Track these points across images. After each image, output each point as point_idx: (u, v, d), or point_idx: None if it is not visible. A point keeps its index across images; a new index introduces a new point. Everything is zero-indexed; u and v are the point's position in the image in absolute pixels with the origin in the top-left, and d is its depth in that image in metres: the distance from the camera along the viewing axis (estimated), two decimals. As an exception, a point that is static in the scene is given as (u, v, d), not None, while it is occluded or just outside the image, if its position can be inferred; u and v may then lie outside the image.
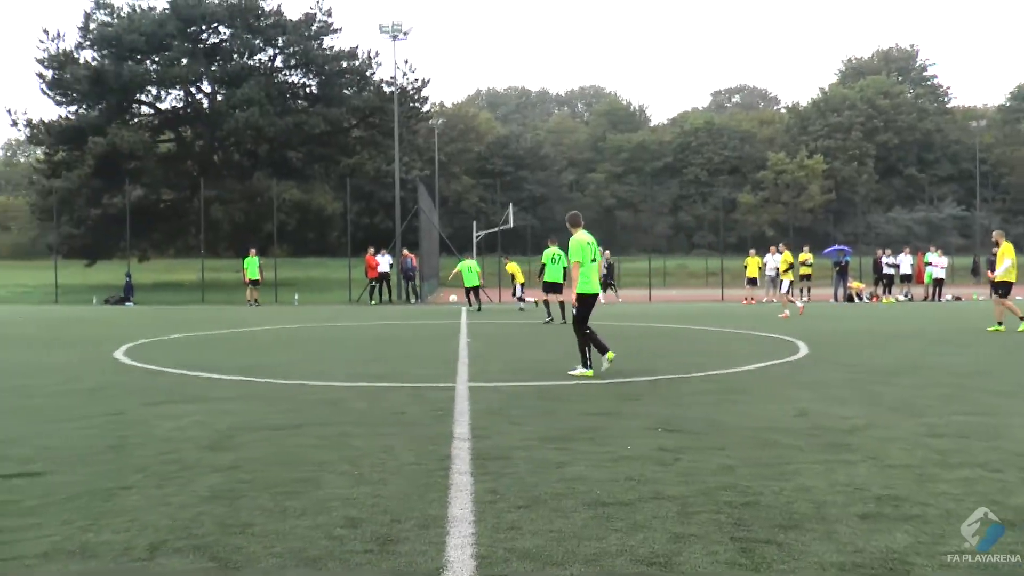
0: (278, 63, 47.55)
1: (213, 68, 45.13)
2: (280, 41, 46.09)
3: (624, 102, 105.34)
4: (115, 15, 45.04)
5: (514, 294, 25.52)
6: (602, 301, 29.08)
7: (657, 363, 11.03)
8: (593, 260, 9.90)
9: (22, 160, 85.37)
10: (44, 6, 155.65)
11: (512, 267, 25.47)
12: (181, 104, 47.87)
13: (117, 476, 5.12)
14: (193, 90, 47.18)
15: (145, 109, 47.61)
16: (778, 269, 22.81)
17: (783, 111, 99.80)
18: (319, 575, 3.51)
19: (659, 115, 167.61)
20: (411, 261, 31.00)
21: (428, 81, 49.97)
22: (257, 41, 45.86)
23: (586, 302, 9.84)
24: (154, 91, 46.39)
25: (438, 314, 23.19)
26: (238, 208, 43.57)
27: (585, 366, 9.67)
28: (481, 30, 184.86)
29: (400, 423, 6.85)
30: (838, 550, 3.72)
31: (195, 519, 4.23)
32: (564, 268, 17.94)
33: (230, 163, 46.90)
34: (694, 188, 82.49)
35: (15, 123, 43.95)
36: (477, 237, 50.67)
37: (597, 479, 4.93)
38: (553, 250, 17.63)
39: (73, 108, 44.78)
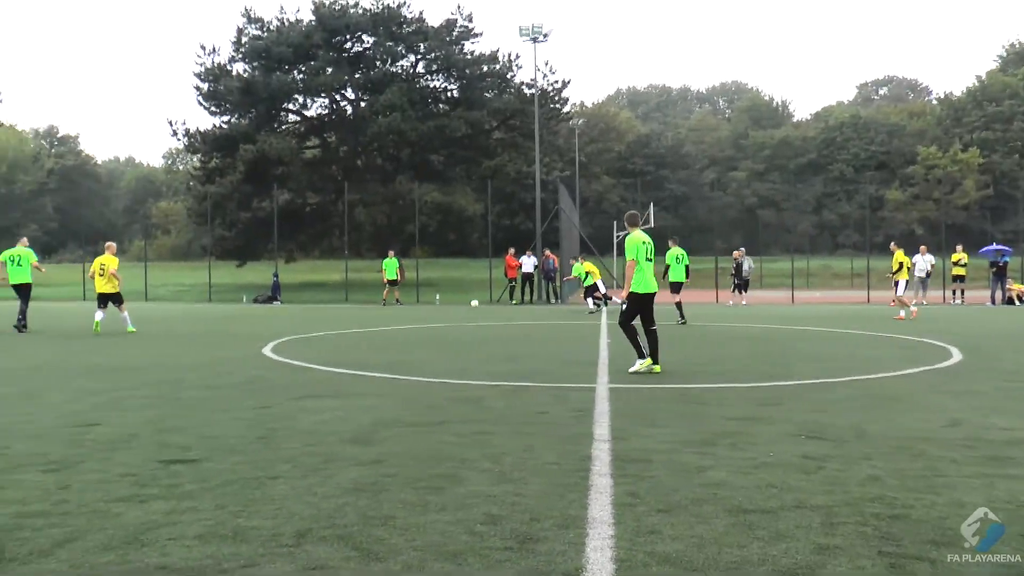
0: (420, 69, 48.73)
1: (357, 75, 46.68)
2: (422, 47, 47.24)
3: (766, 97, 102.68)
4: (265, 29, 47.31)
5: (586, 296, 25.25)
6: (730, 303, 28.65)
7: (799, 367, 10.63)
8: (649, 260, 10.13)
9: (180, 168, 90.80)
10: (201, 24, 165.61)
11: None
12: (326, 111, 49.78)
13: (266, 466, 5.33)
14: (338, 97, 48.95)
15: (292, 117, 49.76)
16: (911, 269, 21.90)
17: (934, 102, 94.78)
18: (459, 570, 3.52)
19: (802, 110, 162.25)
20: (553, 262, 31.06)
21: (568, 82, 50.08)
22: (399, 48, 47.16)
23: (639, 300, 10.08)
24: (301, 99, 48.44)
25: (579, 315, 23.17)
26: (381, 210, 44.90)
27: (641, 356, 9.89)
28: (621, 29, 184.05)
29: (541, 422, 6.84)
30: (998, 573, 3.49)
31: (339, 510, 4.34)
32: (686, 266, 18.93)
33: (373, 167, 48.36)
34: (839, 185, 79.45)
35: (175, 133, 46.73)
36: (617, 237, 50.37)
37: (738, 485, 4.79)
38: (676, 250, 18.50)
39: (226, 118, 47.29)
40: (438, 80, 49.58)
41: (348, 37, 46.79)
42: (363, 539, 3.84)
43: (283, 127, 48.63)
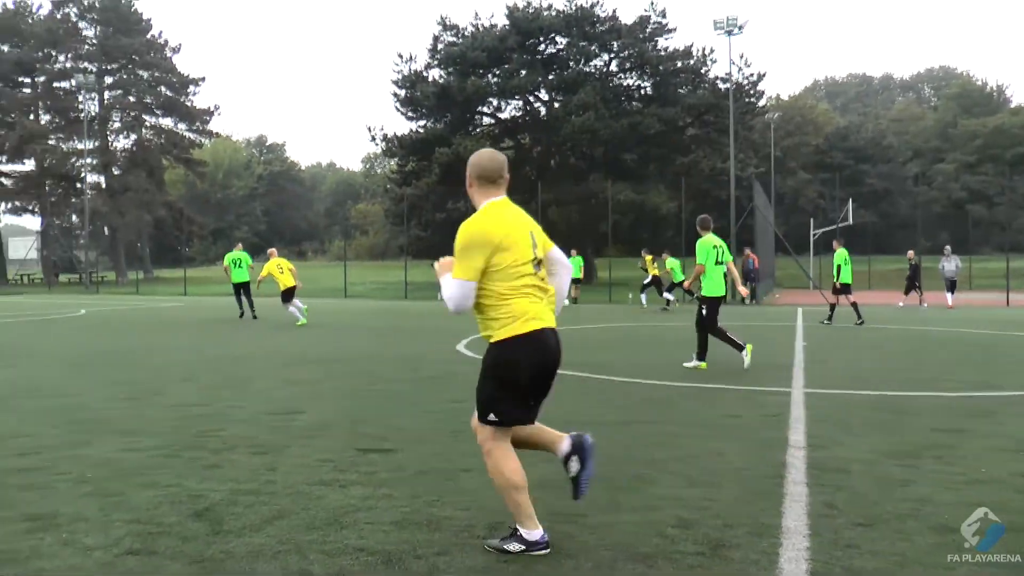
0: (613, 67, 48.65)
1: (550, 77, 47.20)
2: (615, 46, 47.13)
3: (978, 82, 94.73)
4: (460, 35, 48.72)
5: (661, 292, 25.86)
6: (900, 304, 26.66)
7: (1012, 377, 9.74)
8: (719, 263, 10.38)
9: (378, 171, 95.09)
10: (399, 33, 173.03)
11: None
12: (520, 113, 50.64)
13: (458, 459, 5.47)
14: (531, 99, 49.70)
15: (486, 120, 50.99)
16: None
17: None
18: (650, 572, 3.47)
19: (1021, 95, 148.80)
20: (753, 262, 30.05)
21: (764, 75, 48.40)
22: (592, 47, 47.27)
23: (713, 304, 10.35)
24: (495, 102, 49.50)
25: (774, 316, 22.37)
26: (574, 210, 45.20)
27: (740, 349, 10.19)
28: (819, 17, 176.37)
29: (732, 426, 6.65)
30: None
31: (529, 505, 4.39)
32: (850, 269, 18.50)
33: (566, 166, 48.75)
34: (1061, 176, 72.06)
35: (373, 138, 49.14)
36: (815, 235, 48.28)
37: (945, 502, 4.46)
38: (842, 252, 18.34)
39: (422, 122, 49.07)
40: (631, 78, 49.29)
41: (541, 39, 47.37)
42: (553, 536, 3.85)
43: (478, 130, 49.88)
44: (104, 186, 59.19)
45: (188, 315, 22.68)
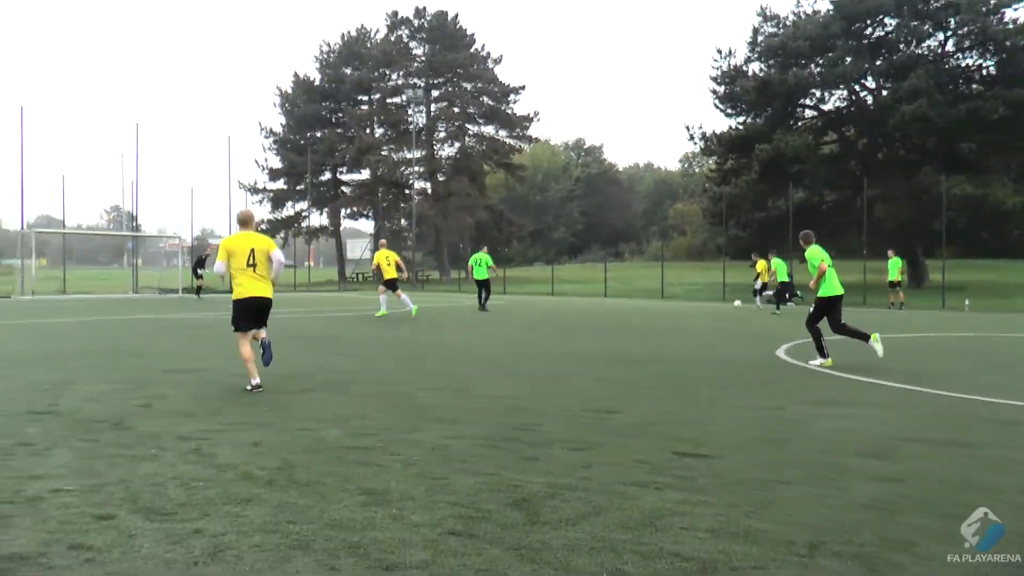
0: (949, 47, 44.47)
1: (878, 62, 44.17)
2: (952, 22, 43.06)
3: None
4: (781, 25, 47.00)
5: (756, 292, 26.76)
6: None
7: None
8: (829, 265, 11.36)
9: (696, 170, 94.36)
10: (718, 29, 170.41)
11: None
12: (844, 104, 47.90)
13: (777, 469, 5.27)
14: (856, 88, 46.85)
15: (808, 112, 48.78)
16: None
17: None
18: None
19: None
20: None
21: None
22: (926, 27, 43.53)
23: (826, 304, 11.38)
24: (817, 94, 47.19)
25: None
26: (902, 206, 41.97)
27: (823, 356, 11.20)
28: None
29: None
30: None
31: (854, 526, 4.13)
32: None
33: (895, 159, 45.38)
34: None
35: (691, 137, 48.68)
36: None
37: None
38: None
39: (741, 119, 47.96)
40: (970, 57, 44.67)
41: (868, 22, 44.44)
42: (879, 562, 3.60)
43: (799, 124, 47.87)
44: (430, 191, 64.15)
45: (508, 313, 23.88)
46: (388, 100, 64.02)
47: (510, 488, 4.79)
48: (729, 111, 47.78)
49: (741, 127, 47.15)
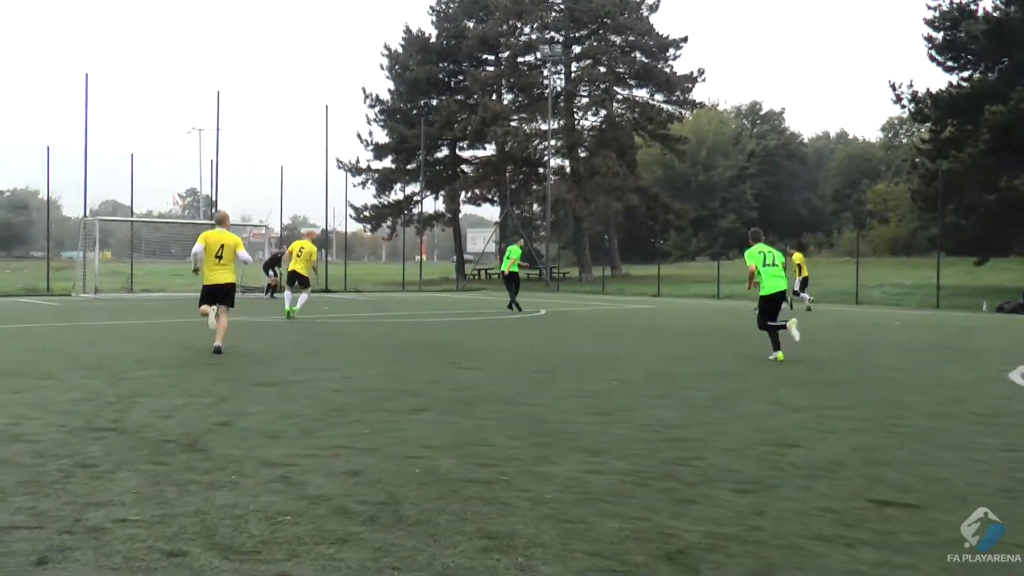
0: None
1: None
2: None
3: None
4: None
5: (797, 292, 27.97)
6: None
7: None
8: (772, 265, 14.43)
9: (903, 141, 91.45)
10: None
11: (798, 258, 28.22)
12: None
13: (1008, 530, 5.02)
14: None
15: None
16: None
17: None
18: None
19: None
20: None
21: None
22: None
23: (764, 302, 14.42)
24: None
25: None
26: None
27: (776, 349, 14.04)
28: None
29: None
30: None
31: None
32: None
33: None
34: None
35: (898, 99, 46.86)
36: None
37: None
38: None
39: (966, 73, 46.11)
40: None
41: None
42: None
43: (1046, 80, 45.75)
44: (568, 170, 64.23)
45: (661, 319, 23.75)
46: (519, 59, 64.44)
47: (662, 537, 4.76)
48: (950, 63, 45.97)
49: (966, 84, 45.29)
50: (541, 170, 62.50)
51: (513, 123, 62.67)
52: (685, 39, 63.86)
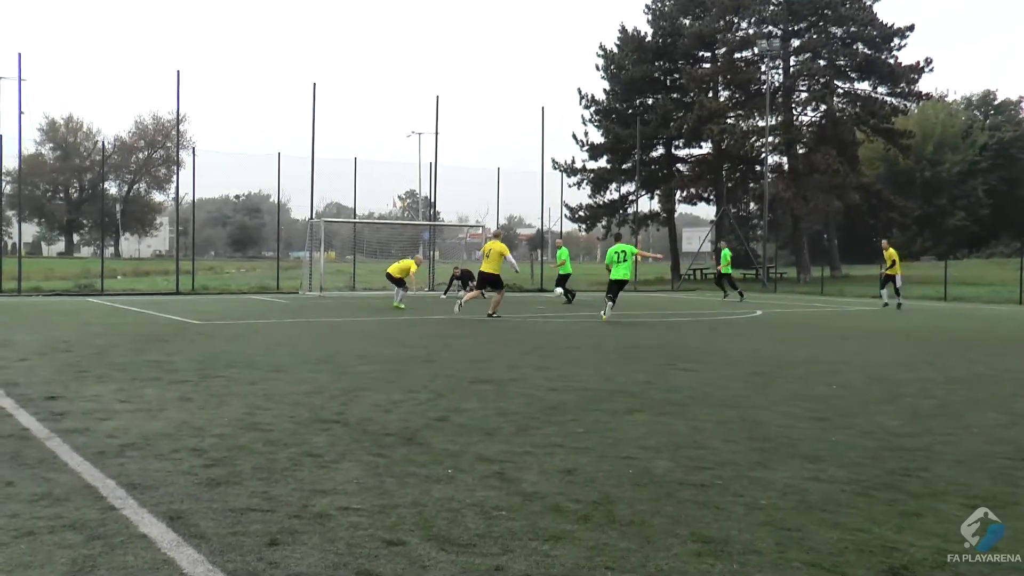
0: None
1: None
2: None
3: None
4: None
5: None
6: None
7: None
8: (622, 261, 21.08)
9: None
10: None
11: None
12: None
13: None
14: None
15: None
16: None
17: None
18: None
19: None
20: None
21: None
22: None
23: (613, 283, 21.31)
24: None
25: None
26: None
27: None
28: None
29: None
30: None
31: None
32: None
33: None
34: None
35: None
36: None
37: None
38: None
39: None
40: None
41: None
42: None
43: None
44: (787, 167, 62.62)
45: (881, 321, 22.87)
46: (736, 55, 63.27)
47: (884, 550, 4.58)
48: None
49: None
50: (758, 168, 61.20)
51: (730, 120, 61.67)
52: (912, 27, 61.11)
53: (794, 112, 63.38)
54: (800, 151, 62.31)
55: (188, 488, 5.56)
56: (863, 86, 63.08)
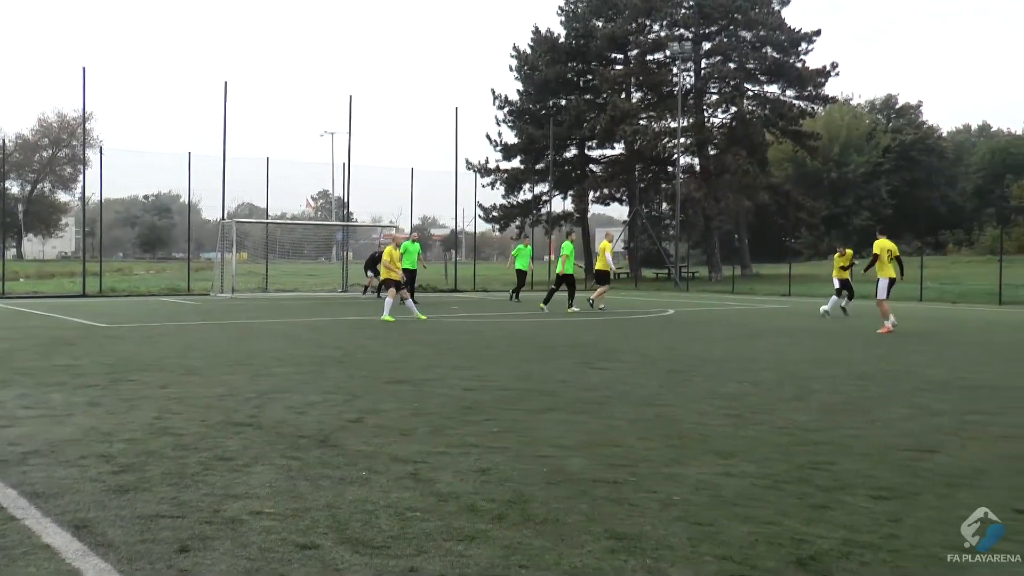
0: None
1: None
2: None
3: None
4: None
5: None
6: None
7: None
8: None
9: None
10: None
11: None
12: None
13: None
14: None
15: None
16: None
17: None
18: None
19: None
20: None
21: None
22: None
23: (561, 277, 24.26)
24: None
25: None
26: None
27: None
28: None
29: None
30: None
31: None
32: None
33: None
34: None
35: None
36: None
37: None
38: None
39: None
40: None
41: None
42: None
43: None
44: (698, 168, 63.52)
45: (791, 319, 23.31)
46: (648, 57, 64.00)
47: (794, 542, 4.68)
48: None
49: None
50: (670, 168, 61.95)
51: (642, 121, 62.25)
52: (818, 33, 62.58)
53: (705, 114, 64.30)
54: (711, 152, 63.30)
55: (95, 495, 5.44)
56: (772, 89, 64.32)
